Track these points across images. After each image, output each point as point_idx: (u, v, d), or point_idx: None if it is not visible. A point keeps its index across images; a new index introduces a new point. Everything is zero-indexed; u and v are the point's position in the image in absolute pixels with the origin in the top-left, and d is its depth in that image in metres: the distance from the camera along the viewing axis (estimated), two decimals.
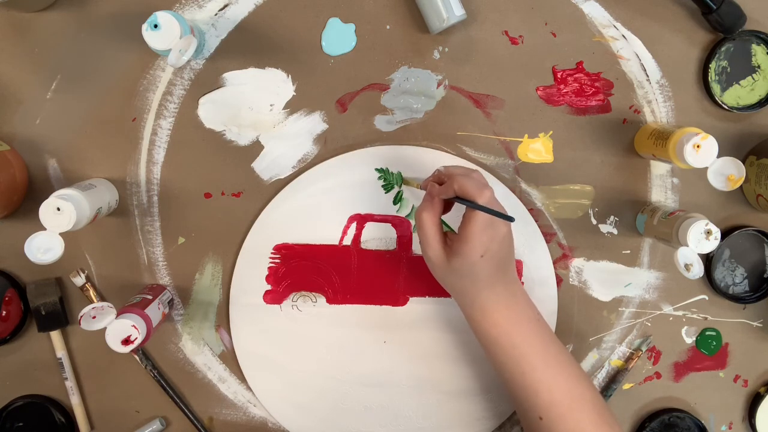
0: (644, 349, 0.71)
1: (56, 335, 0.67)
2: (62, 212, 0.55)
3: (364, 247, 0.68)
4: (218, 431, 0.70)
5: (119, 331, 0.57)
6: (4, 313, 0.66)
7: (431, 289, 0.68)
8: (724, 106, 0.67)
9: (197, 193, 0.67)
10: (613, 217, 0.69)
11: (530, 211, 0.69)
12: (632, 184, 0.69)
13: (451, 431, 0.70)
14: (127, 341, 0.57)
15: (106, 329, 0.56)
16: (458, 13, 0.63)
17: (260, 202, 0.67)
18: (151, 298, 0.62)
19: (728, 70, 0.68)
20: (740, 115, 0.68)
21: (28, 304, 0.66)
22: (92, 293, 0.67)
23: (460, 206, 0.60)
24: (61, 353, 0.67)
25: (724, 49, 0.67)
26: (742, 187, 0.69)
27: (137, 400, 0.69)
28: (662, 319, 0.71)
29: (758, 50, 0.67)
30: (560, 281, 0.70)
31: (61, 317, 0.66)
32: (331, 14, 0.65)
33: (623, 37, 0.67)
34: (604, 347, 0.71)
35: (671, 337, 0.71)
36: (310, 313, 0.68)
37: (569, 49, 0.67)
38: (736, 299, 0.70)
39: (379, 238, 0.68)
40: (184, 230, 0.67)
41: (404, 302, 0.69)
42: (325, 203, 0.67)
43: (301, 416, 0.69)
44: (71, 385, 0.68)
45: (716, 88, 0.68)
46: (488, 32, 0.66)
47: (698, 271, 0.59)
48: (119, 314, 0.57)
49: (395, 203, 0.68)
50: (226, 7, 0.65)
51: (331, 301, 0.68)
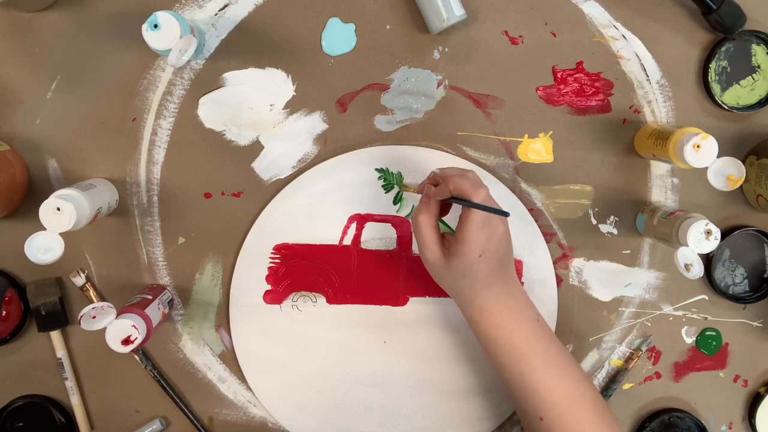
0: (644, 349, 0.71)
1: (56, 335, 0.67)
2: (62, 212, 0.55)
3: (364, 247, 0.68)
4: (218, 431, 0.70)
5: (119, 331, 0.57)
6: (4, 313, 0.66)
7: (431, 289, 0.68)
8: (724, 106, 0.67)
9: (197, 193, 0.67)
10: (613, 217, 0.69)
11: (530, 211, 0.69)
12: (632, 184, 0.69)
13: (451, 431, 0.70)
14: (127, 341, 0.57)
15: (106, 329, 0.56)
16: (458, 13, 0.63)
17: (260, 202, 0.67)
18: (151, 298, 0.62)
19: (728, 70, 0.68)
20: (740, 115, 0.68)
21: (28, 304, 0.66)
22: (92, 293, 0.67)
23: (458, 208, 0.60)
24: (61, 353, 0.67)
25: (724, 49, 0.67)
26: (742, 187, 0.69)
27: (137, 400, 0.69)
28: (662, 319, 0.71)
29: (758, 50, 0.67)
30: (560, 281, 0.70)
31: (61, 317, 0.66)
32: (331, 14, 0.65)
33: (623, 37, 0.67)
34: (604, 347, 0.71)
35: (671, 337, 0.71)
36: (310, 313, 0.68)
37: (569, 49, 0.67)
38: (736, 299, 0.70)
39: (379, 238, 0.68)
40: (184, 230, 0.67)
41: (404, 302, 0.69)
42: (325, 203, 0.67)
43: (301, 416, 0.69)
44: (71, 385, 0.68)
45: (716, 88, 0.68)
46: (488, 32, 0.66)
47: (698, 271, 0.59)
48: (119, 314, 0.57)
49: (395, 203, 0.68)
50: (226, 7, 0.65)
51: (331, 301, 0.68)
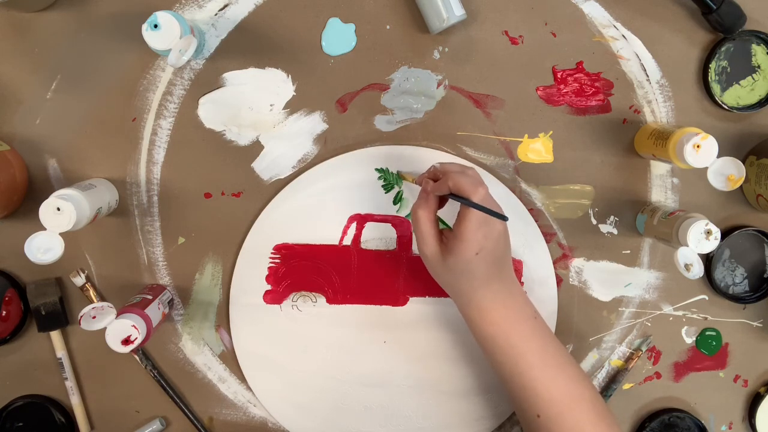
0: (644, 349, 0.71)
1: (56, 335, 0.67)
2: (62, 212, 0.55)
3: (364, 247, 0.68)
4: (218, 431, 0.70)
5: (119, 331, 0.57)
6: (4, 313, 0.66)
7: (431, 289, 0.68)
8: (724, 106, 0.67)
9: (197, 193, 0.67)
10: (613, 217, 0.69)
11: (530, 211, 0.69)
12: (632, 184, 0.69)
13: (450, 431, 0.70)
14: (127, 341, 0.57)
15: (106, 329, 0.56)
16: (458, 13, 0.63)
17: (260, 202, 0.67)
18: (151, 298, 0.62)
19: (728, 70, 0.68)
20: (740, 115, 0.68)
21: (28, 304, 0.66)
22: (92, 293, 0.67)
23: (455, 203, 0.59)
24: (61, 353, 0.67)
25: (724, 49, 0.67)
26: (742, 187, 0.69)
27: (137, 400, 0.69)
28: (662, 319, 0.71)
29: (758, 50, 0.67)
30: (560, 281, 0.70)
31: (61, 317, 0.66)
32: (331, 14, 0.65)
33: (623, 37, 0.67)
34: (604, 347, 0.71)
35: (671, 337, 0.71)
36: (310, 313, 0.68)
37: (569, 49, 0.67)
38: (736, 299, 0.70)
39: (379, 238, 0.68)
40: (184, 230, 0.67)
41: (404, 302, 0.69)
42: (325, 203, 0.67)
43: (301, 416, 0.69)
44: (71, 385, 0.68)
45: (716, 88, 0.68)
46: (488, 32, 0.66)
47: (698, 271, 0.59)
48: (119, 314, 0.57)
49: (395, 203, 0.68)
50: (226, 7, 0.65)
51: (331, 301, 0.68)
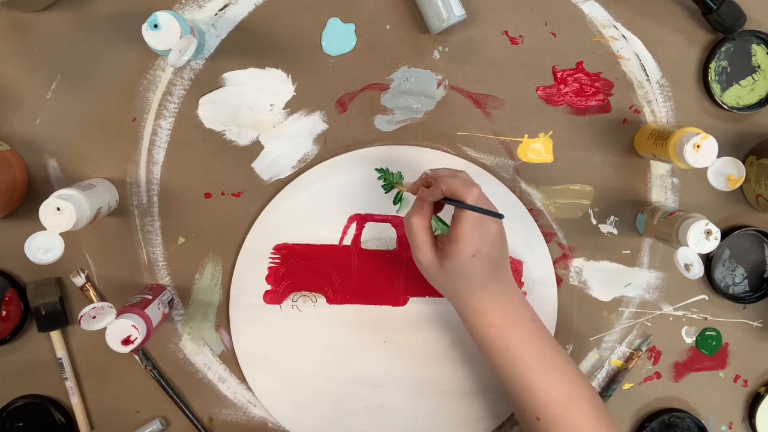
0: (644, 349, 0.71)
1: (56, 335, 0.67)
2: (62, 212, 0.55)
3: (364, 247, 0.68)
4: (218, 431, 0.70)
5: (119, 331, 0.57)
6: (4, 313, 0.66)
7: (431, 289, 0.67)
8: (724, 106, 0.67)
9: (197, 193, 0.67)
10: (613, 217, 0.69)
11: (530, 211, 0.69)
12: (632, 184, 0.69)
13: (450, 431, 0.70)
14: (127, 341, 0.57)
15: (106, 329, 0.56)
16: (458, 13, 0.63)
17: (260, 202, 0.67)
18: (151, 298, 0.62)
19: (728, 70, 0.68)
20: (740, 115, 0.68)
21: (28, 304, 0.66)
22: (92, 293, 0.67)
23: (451, 207, 0.59)
24: (61, 353, 0.67)
25: (724, 49, 0.67)
26: (742, 187, 0.69)
27: (137, 400, 0.69)
28: (662, 319, 0.71)
29: (758, 50, 0.67)
30: (560, 281, 0.70)
31: (61, 317, 0.66)
32: (331, 14, 0.65)
33: (623, 37, 0.67)
34: (604, 347, 0.71)
35: (671, 337, 0.71)
36: (310, 313, 0.68)
37: (569, 49, 0.67)
38: (736, 299, 0.70)
39: (379, 238, 0.68)
40: (184, 230, 0.67)
41: (404, 302, 0.69)
42: (325, 203, 0.67)
43: (301, 416, 0.69)
44: (71, 385, 0.68)
45: (716, 88, 0.68)
46: (488, 32, 0.66)
47: (698, 271, 0.59)
48: (119, 314, 0.57)
49: (395, 203, 0.68)
50: (226, 7, 0.65)
51: (331, 301, 0.68)
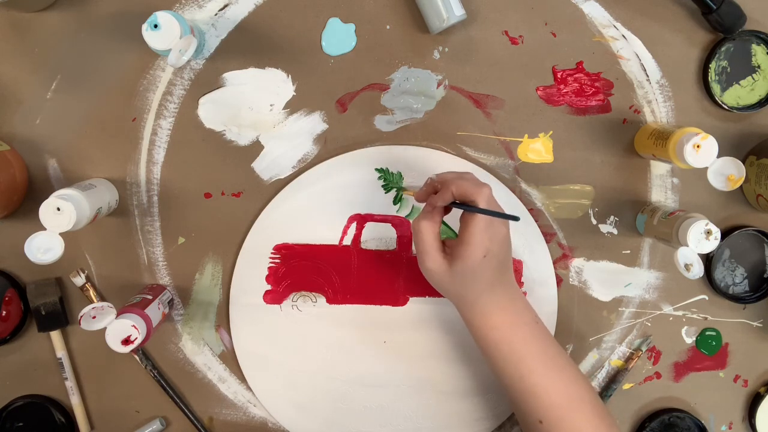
0: (644, 349, 0.71)
1: (56, 335, 0.67)
2: (62, 212, 0.55)
3: (364, 247, 0.68)
4: (218, 431, 0.70)
5: (119, 331, 0.57)
6: (4, 313, 0.66)
7: (431, 289, 0.67)
8: (724, 106, 0.67)
9: (197, 193, 0.67)
10: (613, 217, 0.69)
11: (530, 211, 0.69)
12: (632, 184, 0.69)
13: (450, 431, 0.70)
14: (127, 341, 0.57)
15: (106, 329, 0.56)
16: (458, 13, 0.63)
17: (260, 202, 0.67)
18: (151, 298, 0.62)
19: (728, 70, 0.68)
20: (740, 115, 0.68)
21: (28, 304, 0.66)
22: (92, 293, 0.67)
23: (456, 212, 0.59)
24: (61, 353, 0.67)
25: (724, 49, 0.67)
26: (742, 187, 0.69)
27: (137, 400, 0.69)
28: (662, 319, 0.71)
29: (758, 50, 0.67)
30: (560, 281, 0.70)
31: (61, 317, 0.66)
32: (331, 14, 0.65)
33: (623, 37, 0.67)
34: (604, 347, 0.71)
35: (671, 337, 0.71)
36: (310, 313, 0.68)
37: (569, 49, 0.67)
38: (736, 299, 0.70)
39: (379, 238, 0.68)
40: (184, 230, 0.67)
41: (404, 302, 0.69)
42: (325, 203, 0.67)
43: (301, 416, 0.69)
44: (71, 385, 0.68)
45: (716, 88, 0.68)
46: (488, 32, 0.66)
47: (698, 271, 0.59)
48: (119, 314, 0.57)
49: (395, 203, 0.68)
50: (226, 7, 0.65)
51: (331, 301, 0.68)
